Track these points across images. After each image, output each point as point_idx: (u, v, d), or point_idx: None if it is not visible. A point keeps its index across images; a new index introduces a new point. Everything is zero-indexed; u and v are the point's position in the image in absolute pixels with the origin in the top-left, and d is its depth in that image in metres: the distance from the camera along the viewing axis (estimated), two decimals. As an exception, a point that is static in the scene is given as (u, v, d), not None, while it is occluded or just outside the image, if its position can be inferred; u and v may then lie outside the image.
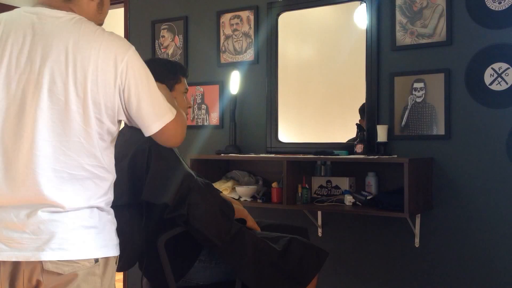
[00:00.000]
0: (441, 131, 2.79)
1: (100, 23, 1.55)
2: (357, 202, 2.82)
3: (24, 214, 1.35)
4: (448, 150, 2.78)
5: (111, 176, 1.50)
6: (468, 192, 2.74)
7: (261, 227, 2.34)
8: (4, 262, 1.36)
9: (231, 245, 2.01)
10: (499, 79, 2.67)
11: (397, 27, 2.91)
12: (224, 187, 3.13)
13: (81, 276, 1.38)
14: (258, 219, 2.47)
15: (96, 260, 1.41)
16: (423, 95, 2.84)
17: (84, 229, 1.40)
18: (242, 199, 3.02)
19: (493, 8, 2.69)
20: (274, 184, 3.01)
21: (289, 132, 3.32)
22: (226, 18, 3.50)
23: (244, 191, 3.05)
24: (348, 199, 2.83)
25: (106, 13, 1.60)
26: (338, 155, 2.89)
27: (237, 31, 3.45)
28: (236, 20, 3.45)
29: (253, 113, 3.39)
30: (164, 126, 1.54)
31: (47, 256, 1.34)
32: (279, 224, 2.53)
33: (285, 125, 3.31)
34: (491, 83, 2.69)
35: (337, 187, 2.96)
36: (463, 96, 2.75)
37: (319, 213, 3.12)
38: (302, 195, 2.87)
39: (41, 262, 1.34)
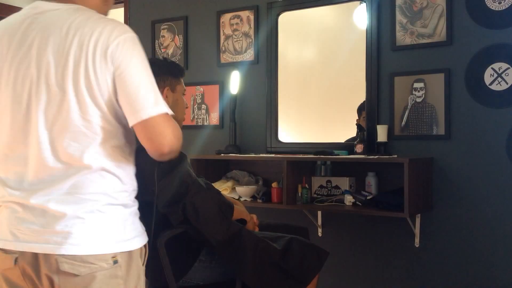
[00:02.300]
0: (441, 131, 2.79)
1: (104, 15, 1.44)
2: (357, 202, 2.82)
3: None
4: (448, 150, 2.78)
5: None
6: (468, 192, 2.74)
7: (261, 227, 2.34)
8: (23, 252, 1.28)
9: (231, 245, 2.01)
10: (499, 79, 2.67)
11: (397, 27, 2.91)
12: (224, 187, 3.13)
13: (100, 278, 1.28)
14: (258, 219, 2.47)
15: (115, 261, 1.29)
16: (423, 95, 2.84)
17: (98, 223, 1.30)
18: (242, 199, 3.02)
19: (493, 8, 2.69)
20: (274, 184, 3.02)
21: (289, 132, 3.32)
22: (226, 18, 3.49)
23: (244, 191, 3.05)
24: (348, 199, 2.83)
25: (111, 3, 1.50)
26: (338, 155, 2.89)
27: (237, 31, 3.45)
28: (236, 20, 3.45)
29: (253, 113, 3.39)
30: (155, 117, 1.30)
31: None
32: (279, 224, 2.53)
33: (285, 125, 3.31)
34: (491, 83, 2.69)
35: (337, 187, 2.96)
36: (463, 96, 2.75)
37: (319, 213, 3.12)
38: (302, 195, 2.87)
39: (56, 260, 1.25)
